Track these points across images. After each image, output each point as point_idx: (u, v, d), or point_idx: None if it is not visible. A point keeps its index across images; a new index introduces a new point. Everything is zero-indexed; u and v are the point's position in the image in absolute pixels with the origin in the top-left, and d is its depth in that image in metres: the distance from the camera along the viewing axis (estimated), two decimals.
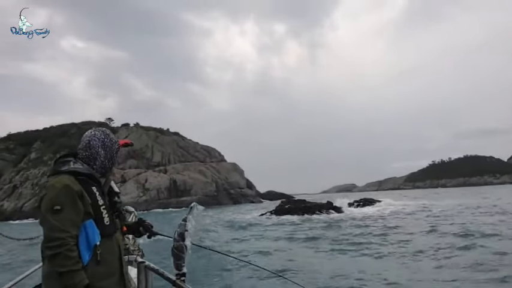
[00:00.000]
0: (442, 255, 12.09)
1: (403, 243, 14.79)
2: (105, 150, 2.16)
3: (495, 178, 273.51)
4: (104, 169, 2.16)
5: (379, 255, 12.62)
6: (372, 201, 46.10)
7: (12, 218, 72.53)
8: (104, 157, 2.15)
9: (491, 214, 26.08)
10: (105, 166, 2.17)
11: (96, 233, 1.97)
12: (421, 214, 29.74)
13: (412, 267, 10.74)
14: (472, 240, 14.69)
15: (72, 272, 1.82)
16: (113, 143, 2.21)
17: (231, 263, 11.03)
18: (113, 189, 2.26)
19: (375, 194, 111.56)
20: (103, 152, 2.15)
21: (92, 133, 2.20)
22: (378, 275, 9.67)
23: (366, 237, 17.56)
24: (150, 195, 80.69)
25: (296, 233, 20.16)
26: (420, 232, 18.23)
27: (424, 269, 10.42)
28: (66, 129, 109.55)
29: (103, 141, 2.17)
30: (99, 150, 2.14)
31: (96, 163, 2.13)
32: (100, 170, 2.14)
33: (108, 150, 2.18)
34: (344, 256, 13.07)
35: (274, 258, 13.12)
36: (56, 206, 1.85)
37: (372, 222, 24.41)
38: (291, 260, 12.35)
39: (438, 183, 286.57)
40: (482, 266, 10.27)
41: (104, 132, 2.22)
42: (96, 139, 2.16)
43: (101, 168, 2.15)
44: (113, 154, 2.21)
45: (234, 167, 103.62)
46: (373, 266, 10.96)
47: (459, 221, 22.13)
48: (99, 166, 2.14)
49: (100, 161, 2.14)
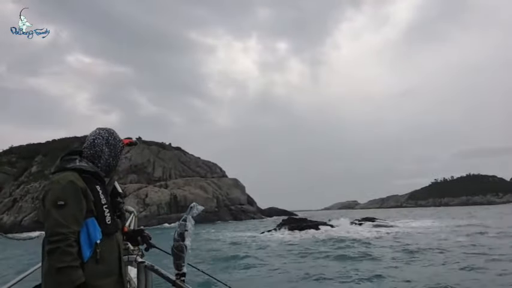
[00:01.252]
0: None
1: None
2: (110, 148, 2.20)
3: (498, 197, 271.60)
4: (109, 167, 2.19)
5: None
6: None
7: (12, 231, 72.05)
8: (108, 155, 2.18)
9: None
10: (110, 164, 2.20)
11: (98, 231, 1.97)
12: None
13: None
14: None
15: (69, 268, 1.79)
16: (117, 142, 2.24)
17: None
18: (116, 189, 2.28)
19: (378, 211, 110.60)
20: (107, 150, 2.18)
21: (97, 132, 2.23)
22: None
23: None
24: (150, 210, 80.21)
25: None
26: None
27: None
28: (68, 143, 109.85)
29: (107, 140, 2.21)
30: (104, 148, 2.17)
31: (101, 161, 2.16)
32: (104, 168, 2.17)
33: (112, 149, 2.21)
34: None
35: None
36: (59, 201, 1.85)
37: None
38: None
39: (441, 201, 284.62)
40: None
41: (108, 131, 2.25)
42: (100, 137, 2.20)
43: (106, 166, 2.17)
44: (117, 152, 2.23)
45: (235, 183, 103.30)
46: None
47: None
48: (104, 164, 2.17)
49: (104, 159, 2.17)
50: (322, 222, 39.42)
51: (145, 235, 2.47)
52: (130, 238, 2.49)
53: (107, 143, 2.19)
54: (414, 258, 15.85)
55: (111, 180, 2.21)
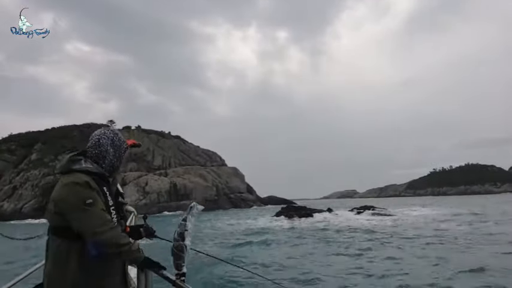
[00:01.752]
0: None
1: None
2: (114, 148, 2.19)
3: (496, 187, 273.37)
4: (112, 168, 2.18)
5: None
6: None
7: (12, 218, 72.52)
8: (113, 155, 2.18)
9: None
10: (114, 165, 2.19)
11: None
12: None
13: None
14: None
15: (131, 244, 1.98)
16: (121, 142, 2.24)
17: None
18: (118, 190, 2.28)
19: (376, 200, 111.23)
20: (112, 150, 2.18)
21: (102, 131, 2.23)
22: None
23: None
24: (150, 198, 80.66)
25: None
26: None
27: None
28: (68, 131, 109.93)
29: (112, 140, 2.20)
30: (109, 149, 2.17)
31: (106, 161, 2.15)
32: (108, 169, 2.16)
33: (117, 149, 2.20)
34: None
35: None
36: (88, 200, 1.89)
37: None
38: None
39: (439, 191, 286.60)
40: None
41: (113, 131, 2.25)
42: (105, 137, 2.19)
43: (110, 166, 2.17)
44: (121, 153, 2.23)
45: (235, 172, 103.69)
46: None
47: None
48: (108, 165, 2.16)
49: (109, 159, 2.16)
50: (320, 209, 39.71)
51: (145, 226, 2.47)
52: (132, 233, 2.44)
53: (112, 144, 2.18)
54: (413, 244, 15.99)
55: (114, 181, 2.21)
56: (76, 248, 1.92)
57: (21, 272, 2.78)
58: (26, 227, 42.39)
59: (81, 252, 1.92)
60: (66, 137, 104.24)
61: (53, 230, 1.99)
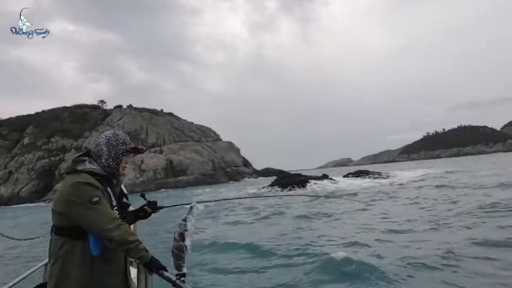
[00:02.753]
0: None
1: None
2: (109, 148, 2.19)
3: (488, 147, 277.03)
4: (109, 168, 2.16)
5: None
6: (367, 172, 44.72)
7: (10, 203, 72.73)
8: (107, 155, 2.17)
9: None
10: (110, 165, 2.16)
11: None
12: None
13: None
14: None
15: (140, 242, 1.99)
16: (119, 143, 2.22)
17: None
18: (122, 191, 2.31)
19: (371, 167, 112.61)
20: (106, 149, 2.18)
21: (104, 132, 2.27)
22: None
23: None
24: (146, 176, 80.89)
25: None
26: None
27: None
28: (59, 113, 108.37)
29: (108, 139, 2.21)
30: (103, 148, 2.18)
31: (102, 160, 2.16)
32: (106, 169, 2.15)
33: (112, 149, 2.19)
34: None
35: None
36: (94, 198, 1.93)
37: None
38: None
39: (433, 154, 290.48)
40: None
41: (113, 132, 2.26)
42: (103, 137, 2.23)
43: (106, 166, 2.15)
44: (117, 154, 2.20)
45: (230, 146, 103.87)
46: None
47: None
48: (104, 164, 2.15)
49: (104, 158, 2.16)
50: (316, 176, 39.43)
51: (148, 202, 2.49)
52: (137, 214, 2.47)
53: (107, 143, 2.19)
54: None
55: (118, 182, 2.23)
56: (79, 247, 1.95)
57: (22, 272, 2.80)
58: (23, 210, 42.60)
59: (84, 252, 1.95)
60: (57, 119, 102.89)
61: (57, 230, 2.00)
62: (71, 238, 1.95)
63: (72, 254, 1.94)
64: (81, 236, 1.95)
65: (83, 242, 1.95)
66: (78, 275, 1.93)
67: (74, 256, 1.94)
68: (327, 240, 9.49)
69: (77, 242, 1.95)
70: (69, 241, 1.95)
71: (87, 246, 1.95)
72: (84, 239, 1.95)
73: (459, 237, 8.36)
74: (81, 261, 1.94)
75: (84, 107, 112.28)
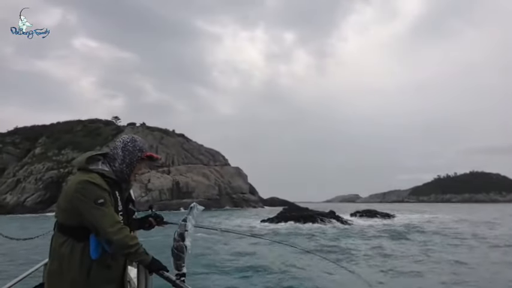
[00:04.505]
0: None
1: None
2: (124, 153, 2.16)
3: (501, 196, 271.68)
4: (121, 173, 2.14)
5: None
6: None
7: (14, 211, 72.94)
8: (121, 160, 2.15)
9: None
10: (122, 170, 2.15)
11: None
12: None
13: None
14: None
15: (140, 246, 1.98)
16: (135, 149, 2.19)
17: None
18: (130, 196, 2.29)
19: (380, 206, 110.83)
20: (121, 154, 2.16)
21: (122, 136, 2.26)
22: None
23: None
24: (152, 195, 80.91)
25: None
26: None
27: None
28: (72, 125, 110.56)
29: (125, 144, 2.19)
30: (119, 152, 2.17)
31: (116, 164, 2.14)
32: (118, 174, 2.13)
33: (127, 154, 2.16)
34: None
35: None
36: (99, 200, 1.92)
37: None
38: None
39: (443, 198, 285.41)
40: None
41: (132, 137, 2.25)
42: (121, 140, 2.21)
43: (119, 171, 2.14)
44: (132, 160, 2.17)
45: (238, 172, 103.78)
46: None
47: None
48: (117, 169, 2.14)
49: (118, 162, 2.15)
50: (326, 212, 37.99)
51: (154, 214, 2.54)
52: (142, 224, 2.49)
53: (123, 147, 2.17)
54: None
55: (127, 188, 2.22)
56: (79, 249, 1.93)
57: (21, 272, 2.77)
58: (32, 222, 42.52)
59: (84, 254, 1.93)
60: (71, 131, 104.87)
61: (60, 227, 2.00)
62: (72, 238, 1.95)
63: (71, 255, 1.93)
64: (82, 238, 1.94)
65: (84, 245, 1.94)
66: (75, 276, 1.92)
67: (73, 257, 1.92)
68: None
69: (77, 244, 1.94)
70: (70, 241, 1.94)
71: (87, 249, 1.94)
72: (85, 241, 1.94)
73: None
74: (79, 263, 1.92)
75: (98, 121, 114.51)
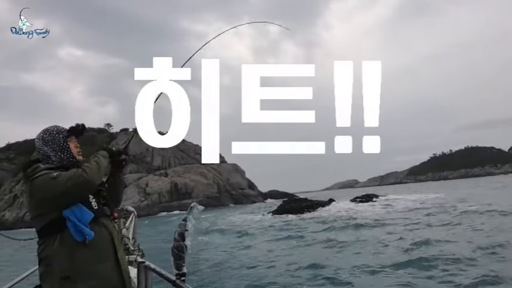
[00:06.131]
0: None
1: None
2: (48, 145, 2.14)
3: (496, 168, 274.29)
4: (64, 161, 2.13)
5: None
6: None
7: (14, 228, 72.49)
8: (53, 152, 2.13)
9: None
10: (62, 158, 2.13)
11: (87, 213, 1.98)
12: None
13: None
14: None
15: (95, 158, 2.14)
16: (53, 136, 2.17)
17: None
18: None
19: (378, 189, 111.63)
20: (47, 148, 2.14)
21: (36, 136, 2.21)
22: None
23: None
24: (151, 199, 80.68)
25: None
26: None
27: None
28: None
29: (42, 138, 2.16)
30: (44, 148, 2.14)
31: (53, 159, 2.12)
32: (62, 163, 2.11)
33: (51, 144, 2.14)
34: None
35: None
36: (53, 174, 1.92)
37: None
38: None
39: (440, 175, 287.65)
40: None
41: (43, 130, 2.21)
42: (37, 139, 2.18)
43: (60, 161, 2.12)
44: (60, 145, 2.16)
45: (235, 168, 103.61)
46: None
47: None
48: (57, 160, 2.12)
49: (53, 156, 2.12)
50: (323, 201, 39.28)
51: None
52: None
53: (43, 142, 2.15)
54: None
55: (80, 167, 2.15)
56: (57, 239, 1.91)
57: (21, 273, 2.80)
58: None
59: (63, 242, 1.91)
60: None
61: (39, 234, 1.98)
62: (48, 235, 1.93)
63: (54, 249, 1.91)
64: (58, 229, 1.92)
65: (61, 235, 1.92)
66: (59, 265, 1.89)
67: (55, 250, 1.91)
68: None
69: (54, 236, 1.92)
70: (51, 239, 1.93)
71: (67, 236, 1.91)
72: (62, 230, 1.91)
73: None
74: (62, 252, 1.90)
75: (91, 130, 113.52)
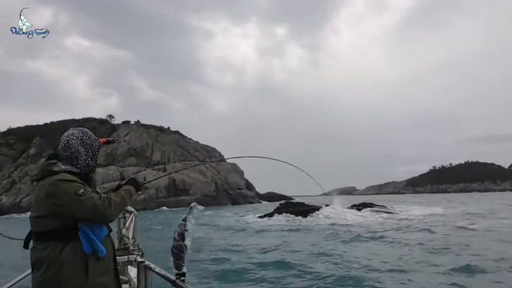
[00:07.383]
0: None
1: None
2: (85, 148, 2.16)
3: (496, 185, 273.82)
4: (88, 167, 2.15)
5: None
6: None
7: (10, 212, 72.64)
8: (85, 155, 2.14)
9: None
10: (89, 164, 2.15)
11: (104, 231, 2.02)
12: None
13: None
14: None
15: (123, 191, 2.17)
16: (92, 141, 2.21)
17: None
18: (95, 189, 2.24)
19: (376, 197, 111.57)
20: (83, 150, 2.14)
21: (70, 132, 2.19)
22: None
23: None
24: (148, 193, 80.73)
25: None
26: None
27: None
28: (67, 125, 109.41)
29: (82, 139, 2.17)
30: (79, 149, 2.13)
31: (79, 162, 2.11)
32: (84, 169, 2.12)
33: (88, 148, 2.17)
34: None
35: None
36: (79, 191, 1.88)
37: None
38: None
39: (439, 188, 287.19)
40: None
41: (82, 131, 2.23)
42: (74, 138, 2.16)
43: (84, 167, 2.13)
44: (94, 151, 2.20)
45: (234, 168, 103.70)
46: None
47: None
48: (83, 165, 2.12)
49: (82, 159, 2.13)
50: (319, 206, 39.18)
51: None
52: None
53: (82, 143, 2.15)
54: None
55: (92, 180, 2.18)
56: (71, 249, 1.88)
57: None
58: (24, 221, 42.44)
59: (77, 253, 1.89)
60: (65, 131, 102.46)
61: (43, 235, 1.91)
62: (61, 241, 1.88)
63: (65, 257, 1.86)
64: (71, 238, 1.89)
65: (74, 244, 1.89)
66: (75, 277, 1.87)
67: (68, 259, 1.86)
68: None
69: (68, 245, 1.88)
70: (60, 244, 1.87)
71: (79, 246, 1.90)
72: (74, 239, 1.89)
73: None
74: (76, 262, 1.88)
75: (92, 120, 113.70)
